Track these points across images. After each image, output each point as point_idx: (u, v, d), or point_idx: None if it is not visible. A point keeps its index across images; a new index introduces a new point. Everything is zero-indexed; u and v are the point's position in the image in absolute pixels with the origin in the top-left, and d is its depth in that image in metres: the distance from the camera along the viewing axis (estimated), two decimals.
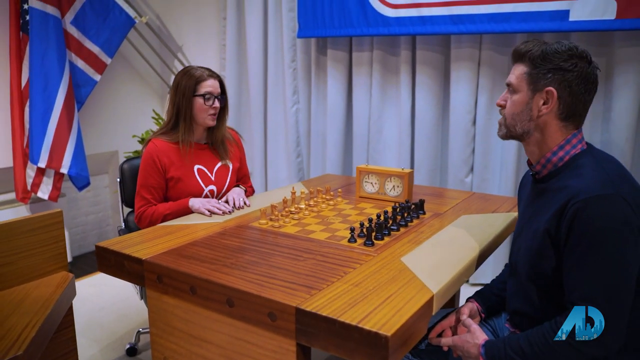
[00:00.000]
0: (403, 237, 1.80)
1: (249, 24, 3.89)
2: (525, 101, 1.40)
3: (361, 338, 1.18)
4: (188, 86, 2.15)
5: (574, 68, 1.33)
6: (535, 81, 1.37)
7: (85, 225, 4.16)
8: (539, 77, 1.37)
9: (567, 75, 1.34)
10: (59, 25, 3.42)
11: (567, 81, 1.34)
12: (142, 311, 2.98)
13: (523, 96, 1.40)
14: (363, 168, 2.36)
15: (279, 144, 4.02)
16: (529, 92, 1.39)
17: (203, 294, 1.47)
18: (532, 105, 1.39)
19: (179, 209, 2.11)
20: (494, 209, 2.17)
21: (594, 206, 1.24)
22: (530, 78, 1.38)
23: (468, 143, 3.20)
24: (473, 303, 1.67)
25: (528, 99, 1.39)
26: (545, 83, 1.36)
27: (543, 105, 1.38)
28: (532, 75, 1.38)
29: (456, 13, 2.94)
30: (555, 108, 1.37)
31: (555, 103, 1.36)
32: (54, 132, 3.40)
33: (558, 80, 1.35)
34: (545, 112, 1.38)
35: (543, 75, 1.36)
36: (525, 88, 1.40)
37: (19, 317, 1.76)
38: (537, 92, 1.38)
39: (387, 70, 3.44)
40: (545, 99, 1.37)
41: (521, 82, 1.40)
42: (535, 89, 1.38)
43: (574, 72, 1.33)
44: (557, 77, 1.35)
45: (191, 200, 2.12)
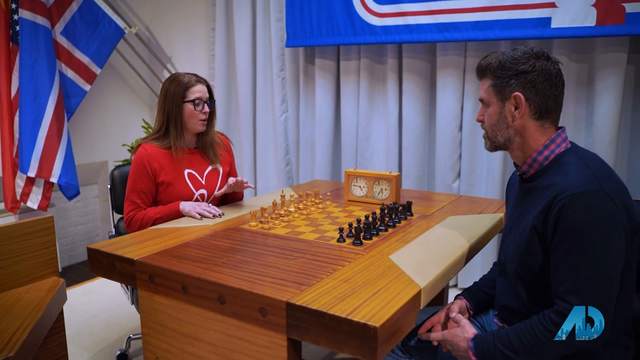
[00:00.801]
0: (391, 236, 1.84)
1: (237, 34, 3.94)
2: (498, 111, 1.47)
3: (351, 330, 1.21)
4: (177, 92, 2.18)
5: (532, 68, 1.40)
6: (501, 90, 1.45)
7: (74, 236, 4.15)
8: (503, 86, 1.44)
9: (528, 76, 1.40)
10: (49, 35, 3.44)
11: (530, 82, 1.40)
12: (133, 318, 2.98)
13: (495, 107, 1.47)
14: (351, 172, 2.39)
15: (268, 152, 4.05)
16: (499, 102, 1.46)
17: (194, 292, 1.48)
18: (506, 114, 1.45)
19: (169, 213, 2.12)
20: (481, 210, 2.21)
21: (579, 202, 1.29)
22: (496, 89, 1.46)
23: (455, 149, 3.25)
24: (462, 300, 1.70)
25: (500, 108, 1.46)
26: (511, 89, 1.43)
27: (515, 111, 1.44)
28: (496, 86, 1.45)
29: (441, 21, 3.00)
30: (527, 110, 1.43)
31: (525, 105, 1.42)
32: (44, 141, 3.40)
33: (521, 84, 1.41)
34: (519, 116, 1.44)
35: (507, 83, 1.43)
36: (494, 99, 1.47)
37: (10, 321, 1.77)
38: (506, 100, 1.44)
39: (374, 78, 3.49)
40: (515, 104, 1.43)
41: (490, 95, 1.48)
42: (503, 98, 1.45)
43: (534, 72, 1.40)
44: (519, 81, 1.41)
45: (182, 204, 2.13)
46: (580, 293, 1.28)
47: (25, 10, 3.33)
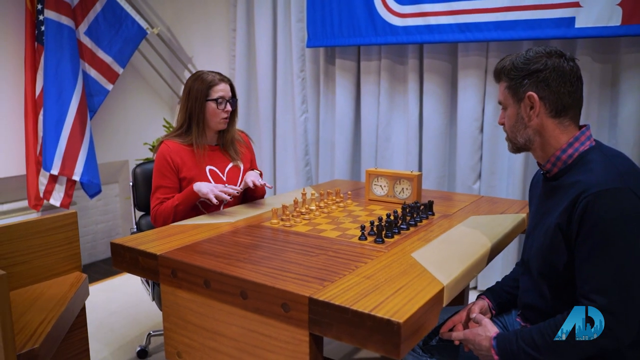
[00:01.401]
0: (413, 235, 1.83)
1: (258, 35, 3.96)
2: (516, 112, 1.47)
3: (373, 325, 1.20)
4: (200, 90, 2.19)
5: (545, 67, 1.39)
6: (516, 92, 1.45)
7: (95, 234, 4.19)
8: (517, 87, 1.44)
9: (540, 75, 1.40)
10: (73, 35, 3.49)
11: (543, 80, 1.40)
12: (153, 315, 3.00)
13: (512, 109, 1.48)
14: (372, 171, 2.38)
15: (288, 152, 4.05)
16: (515, 104, 1.46)
17: (217, 287, 1.49)
18: (522, 114, 1.45)
19: (186, 197, 2.08)
20: (503, 210, 2.19)
21: (604, 199, 1.27)
22: (511, 90, 1.46)
23: (476, 150, 3.23)
24: (484, 300, 1.68)
25: (517, 110, 1.46)
26: (525, 90, 1.42)
27: (530, 111, 1.44)
28: (511, 87, 1.46)
29: (463, 21, 2.99)
30: (543, 109, 1.42)
31: (540, 104, 1.42)
32: (67, 140, 3.45)
33: (534, 83, 1.41)
34: (534, 116, 1.43)
35: (520, 84, 1.43)
36: (511, 101, 1.47)
37: (35, 314, 1.80)
38: (521, 100, 1.44)
39: (394, 78, 3.48)
40: (530, 104, 1.43)
41: (506, 97, 1.48)
42: (519, 99, 1.45)
43: (546, 70, 1.39)
44: (532, 81, 1.41)
45: (196, 185, 2.07)
46: (606, 292, 1.26)
47: (51, 10, 3.38)
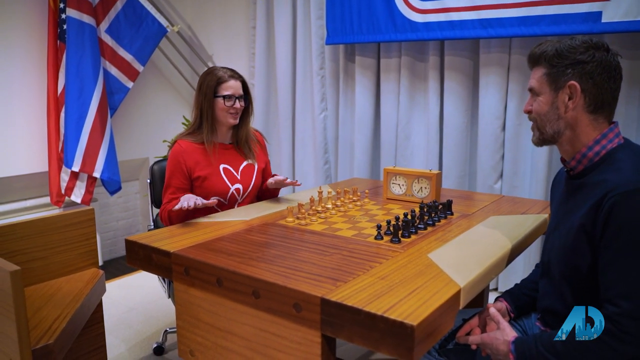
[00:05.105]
0: (430, 235, 1.79)
1: (277, 33, 3.95)
2: (550, 101, 1.39)
3: (386, 328, 1.17)
4: (210, 86, 2.18)
5: (592, 59, 1.32)
6: (556, 79, 1.37)
7: (116, 231, 4.23)
8: (558, 75, 1.36)
9: (586, 67, 1.33)
10: (94, 33, 3.52)
11: (588, 73, 1.33)
12: (170, 312, 3.01)
13: (547, 97, 1.40)
14: (391, 169, 2.35)
15: (307, 150, 4.03)
16: (552, 92, 1.39)
17: (229, 285, 1.47)
18: (558, 104, 1.38)
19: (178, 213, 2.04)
20: (524, 210, 2.13)
21: (632, 200, 1.22)
22: (550, 78, 1.38)
23: (497, 149, 3.16)
24: (502, 302, 1.64)
25: (552, 98, 1.39)
26: (566, 79, 1.35)
27: (569, 101, 1.36)
28: (551, 74, 1.38)
29: (485, 17, 2.93)
30: (582, 102, 1.35)
31: (580, 96, 1.35)
32: (88, 137, 3.48)
33: (578, 74, 1.34)
34: (572, 107, 1.36)
35: (562, 72, 1.36)
36: (547, 89, 1.39)
37: (51, 310, 1.80)
38: (560, 89, 1.37)
39: (415, 76, 3.43)
40: (570, 94, 1.36)
41: (542, 84, 1.40)
42: (557, 87, 1.37)
43: (593, 63, 1.32)
44: (577, 71, 1.34)
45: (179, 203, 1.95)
46: (632, 297, 1.21)
47: (73, 9, 3.41)
